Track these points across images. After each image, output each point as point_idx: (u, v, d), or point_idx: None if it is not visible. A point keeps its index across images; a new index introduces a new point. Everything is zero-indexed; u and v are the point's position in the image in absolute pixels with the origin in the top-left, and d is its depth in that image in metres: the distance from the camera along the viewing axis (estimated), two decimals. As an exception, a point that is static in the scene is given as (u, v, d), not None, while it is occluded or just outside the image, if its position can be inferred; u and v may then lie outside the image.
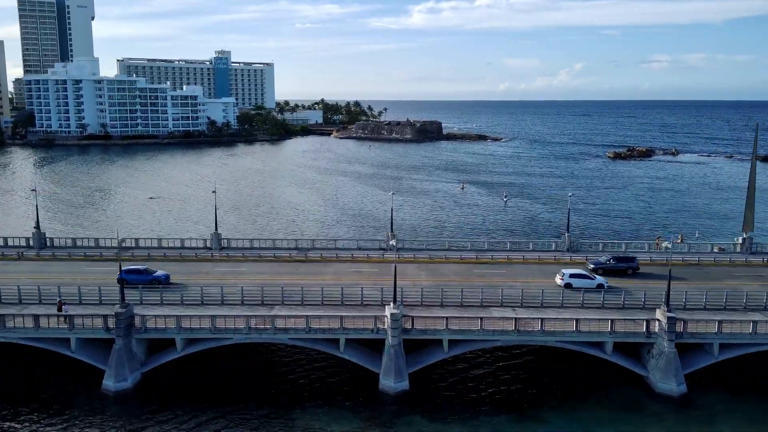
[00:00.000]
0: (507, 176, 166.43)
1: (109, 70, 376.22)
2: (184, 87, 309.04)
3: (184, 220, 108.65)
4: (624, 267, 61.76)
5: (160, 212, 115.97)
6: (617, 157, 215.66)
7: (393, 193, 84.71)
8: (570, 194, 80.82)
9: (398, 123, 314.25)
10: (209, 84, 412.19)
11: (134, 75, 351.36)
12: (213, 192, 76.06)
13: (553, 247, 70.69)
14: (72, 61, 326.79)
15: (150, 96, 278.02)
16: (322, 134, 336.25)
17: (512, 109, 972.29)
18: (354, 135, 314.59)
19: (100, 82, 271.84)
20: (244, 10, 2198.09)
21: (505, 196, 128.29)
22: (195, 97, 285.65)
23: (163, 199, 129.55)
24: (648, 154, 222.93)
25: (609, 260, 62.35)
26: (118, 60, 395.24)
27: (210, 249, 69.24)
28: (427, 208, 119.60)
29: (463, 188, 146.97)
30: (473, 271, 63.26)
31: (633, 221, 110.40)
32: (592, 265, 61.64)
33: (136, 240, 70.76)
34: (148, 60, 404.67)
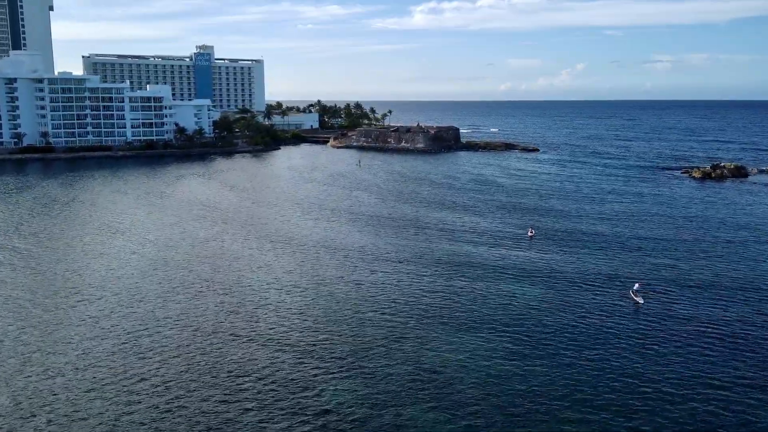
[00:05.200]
0: (588, 219, 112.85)
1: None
2: (148, 87, 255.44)
3: None
4: None
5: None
6: (706, 177, 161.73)
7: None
8: None
9: (408, 129, 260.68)
10: (189, 84, 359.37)
11: (91, 73, 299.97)
12: None
13: None
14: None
15: (103, 98, 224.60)
16: (317, 142, 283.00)
17: (516, 109, 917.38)
18: (355, 143, 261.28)
19: (40, 81, 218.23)
20: (246, 12, 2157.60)
21: (637, 289, 66.00)
22: (160, 99, 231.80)
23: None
24: (741, 172, 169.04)
25: None
26: (83, 56, 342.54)
27: None
28: (493, 306, 65.79)
29: (531, 237, 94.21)
30: None
31: None
32: None
33: None
34: (118, 56, 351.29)
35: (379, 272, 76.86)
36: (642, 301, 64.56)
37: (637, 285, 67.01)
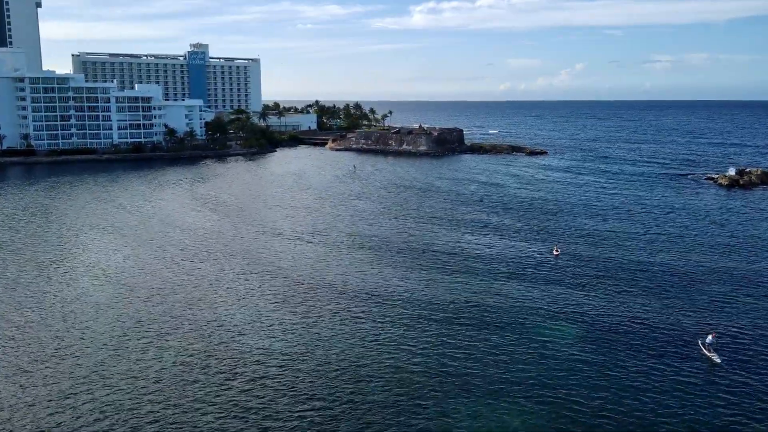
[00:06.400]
0: (618, 238, 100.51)
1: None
2: (136, 86, 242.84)
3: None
4: None
5: None
6: (734, 184, 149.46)
7: None
8: None
9: (410, 131, 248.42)
10: (183, 83, 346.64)
11: (81, 72, 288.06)
12: None
13: None
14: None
15: (88, 98, 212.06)
16: (315, 144, 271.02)
17: (516, 109, 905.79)
18: (354, 146, 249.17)
19: (21, 80, 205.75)
20: (245, 12, 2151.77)
21: (710, 343, 51.45)
22: (148, 99, 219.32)
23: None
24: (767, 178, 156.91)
25: None
26: (72, 55, 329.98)
27: None
28: (525, 361, 53.36)
29: (556, 255, 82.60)
30: None
31: None
32: None
33: None
34: (110, 55, 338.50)
35: (383, 308, 64.44)
36: (719, 360, 50.17)
37: (710, 337, 52.45)
